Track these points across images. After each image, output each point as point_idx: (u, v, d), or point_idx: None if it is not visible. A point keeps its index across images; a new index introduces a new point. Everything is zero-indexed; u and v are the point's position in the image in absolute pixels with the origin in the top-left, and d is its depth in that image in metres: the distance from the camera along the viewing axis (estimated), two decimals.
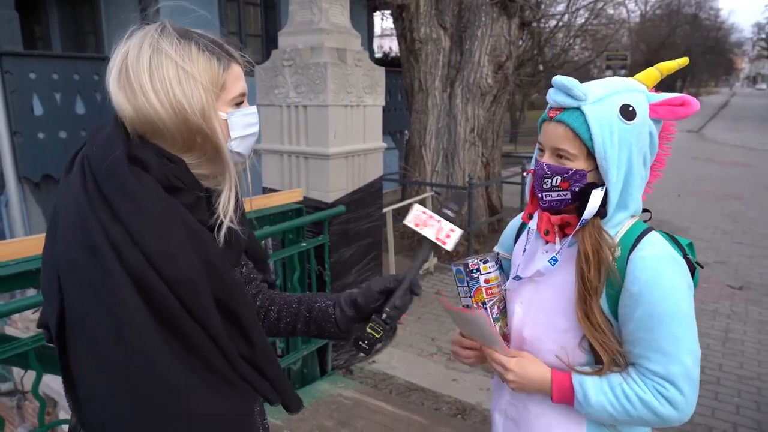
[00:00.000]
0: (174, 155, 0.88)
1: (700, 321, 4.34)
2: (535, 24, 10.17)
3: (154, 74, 0.84)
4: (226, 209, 0.92)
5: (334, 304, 1.10)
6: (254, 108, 0.97)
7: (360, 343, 1.04)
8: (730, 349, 4.18)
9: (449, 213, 1.09)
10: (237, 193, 0.97)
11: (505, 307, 1.27)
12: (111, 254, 0.79)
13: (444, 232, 1.06)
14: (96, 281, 0.79)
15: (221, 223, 0.91)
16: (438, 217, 1.08)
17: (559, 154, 1.09)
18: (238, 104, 0.94)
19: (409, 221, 1.08)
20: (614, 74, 19.07)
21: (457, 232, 1.07)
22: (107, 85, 0.88)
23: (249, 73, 0.99)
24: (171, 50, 0.85)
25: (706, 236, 7.23)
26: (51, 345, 0.89)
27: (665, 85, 1.21)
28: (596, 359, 1.11)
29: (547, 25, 14.26)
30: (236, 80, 0.92)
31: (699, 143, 18.28)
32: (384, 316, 1.04)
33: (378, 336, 1.03)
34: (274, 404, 0.99)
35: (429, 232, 1.07)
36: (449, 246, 1.07)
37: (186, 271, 0.83)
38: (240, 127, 0.93)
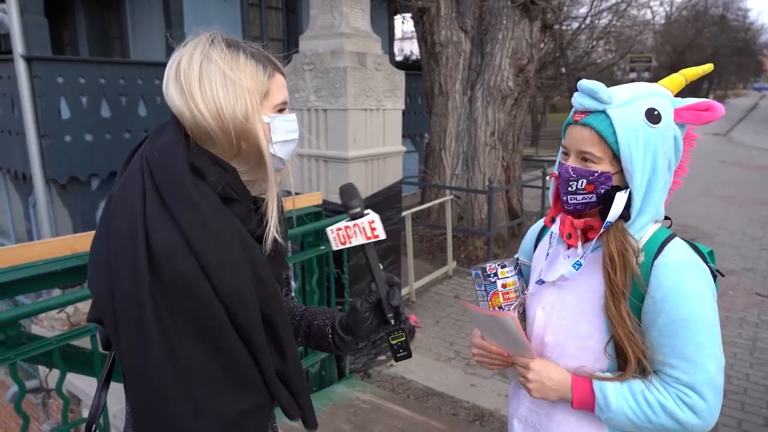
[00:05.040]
0: (226, 163, 0.91)
1: (727, 329, 4.18)
2: (557, 26, 10.07)
3: (203, 81, 0.88)
4: (271, 218, 0.95)
5: (331, 326, 1.12)
6: (294, 115, 1.00)
7: (397, 355, 1.06)
8: (758, 359, 4.07)
9: (356, 210, 1.06)
10: (279, 203, 1.00)
11: (524, 311, 1.26)
12: (147, 276, 0.81)
13: (368, 229, 1.05)
14: (130, 294, 0.82)
15: (268, 233, 0.94)
16: (351, 223, 1.05)
17: (584, 157, 1.09)
18: (280, 111, 0.97)
19: (337, 246, 1.06)
20: (638, 76, 18.77)
21: (375, 220, 1.05)
22: (164, 90, 0.91)
23: None
24: (219, 58, 0.89)
25: (733, 242, 7.06)
26: (75, 345, 0.93)
27: (691, 87, 1.20)
28: (619, 366, 1.10)
29: (569, 27, 14.11)
30: (280, 88, 0.96)
31: (726, 147, 17.89)
32: (393, 323, 1.05)
33: (404, 338, 1.05)
34: (294, 419, 1.00)
35: (358, 240, 1.05)
36: (381, 235, 1.05)
37: (238, 283, 0.86)
38: (281, 132, 0.96)
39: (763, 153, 16.53)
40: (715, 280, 1.12)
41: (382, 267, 1.10)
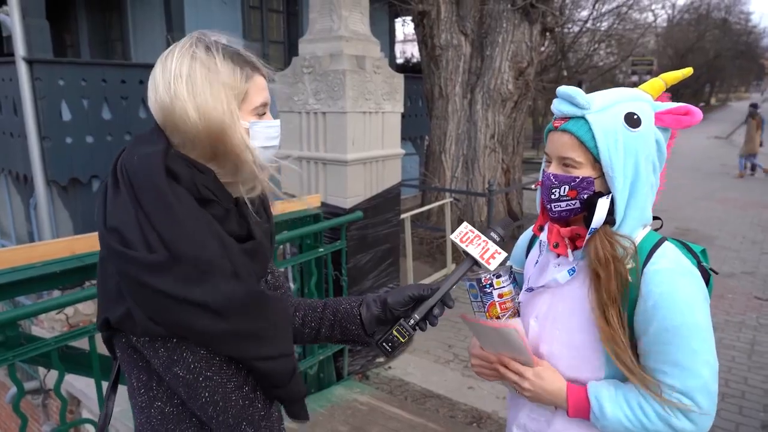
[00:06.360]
0: (202, 165, 0.91)
1: (725, 333, 4.17)
2: (558, 29, 10.08)
3: (179, 85, 0.88)
4: (249, 219, 0.95)
5: (359, 304, 1.13)
6: (277, 122, 0.99)
7: (384, 344, 1.07)
8: (757, 363, 4.07)
9: (495, 236, 1.12)
10: (264, 201, 1.01)
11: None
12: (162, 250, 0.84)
13: (489, 253, 1.10)
14: (147, 263, 0.84)
15: (249, 233, 0.95)
16: (484, 238, 1.11)
17: (565, 162, 1.09)
18: (261, 115, 0.96)
19: (455, 237, 1.12)
20: (640, 79, 18.78)
21: (502, 255, 1.10)
22: (148, 95, 0.92)
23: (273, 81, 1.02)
24: (197, 61, 0.89)
25: (734, 246, 7.06)
26: (74, 346, 0.94)
27: (693, 90, 1.19)
28: (623, 376, 1.10)
29: (571, 30, 14.12)
30: (259, 90, 0.95)
31: (728, 150, 17.84)
32: (412, 322, 1.07)
33: (403, 341, 1.06)
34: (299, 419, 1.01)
35: (474, 250, 1.11)
36: (492, 267, 1.10)
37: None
38: (261, 138, 0.95)
39: (765, 157, 16.48)
40: (709, 279, 1.12)
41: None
